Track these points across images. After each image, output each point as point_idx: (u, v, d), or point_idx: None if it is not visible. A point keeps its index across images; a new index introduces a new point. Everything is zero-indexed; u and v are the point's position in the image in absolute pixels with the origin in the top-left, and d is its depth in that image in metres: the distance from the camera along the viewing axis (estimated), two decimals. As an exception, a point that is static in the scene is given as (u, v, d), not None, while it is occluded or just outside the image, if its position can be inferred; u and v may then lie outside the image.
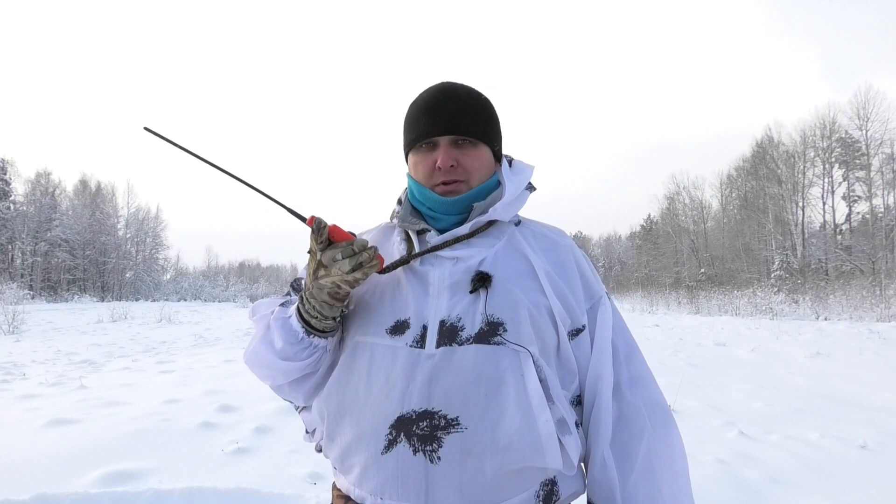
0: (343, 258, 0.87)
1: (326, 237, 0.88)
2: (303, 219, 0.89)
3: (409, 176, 1.08)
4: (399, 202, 1.12)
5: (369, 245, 0.90)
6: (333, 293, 0.92)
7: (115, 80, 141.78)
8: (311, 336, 0.96)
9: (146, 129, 0.93)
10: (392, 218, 1.12)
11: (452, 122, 1.01)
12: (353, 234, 0.92)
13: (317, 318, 0.94)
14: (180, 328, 16.64)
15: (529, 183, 1.09)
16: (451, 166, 1.00)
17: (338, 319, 0.97)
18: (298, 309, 0.96)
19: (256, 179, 0.92)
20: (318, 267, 0.90)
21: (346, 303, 0.96)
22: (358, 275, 0.88)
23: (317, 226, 0.87)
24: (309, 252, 0.91)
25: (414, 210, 1.07)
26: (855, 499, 2.99)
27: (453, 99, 1.03)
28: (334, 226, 0.89)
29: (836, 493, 3.05)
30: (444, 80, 1.10)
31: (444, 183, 1.01)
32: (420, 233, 1.05)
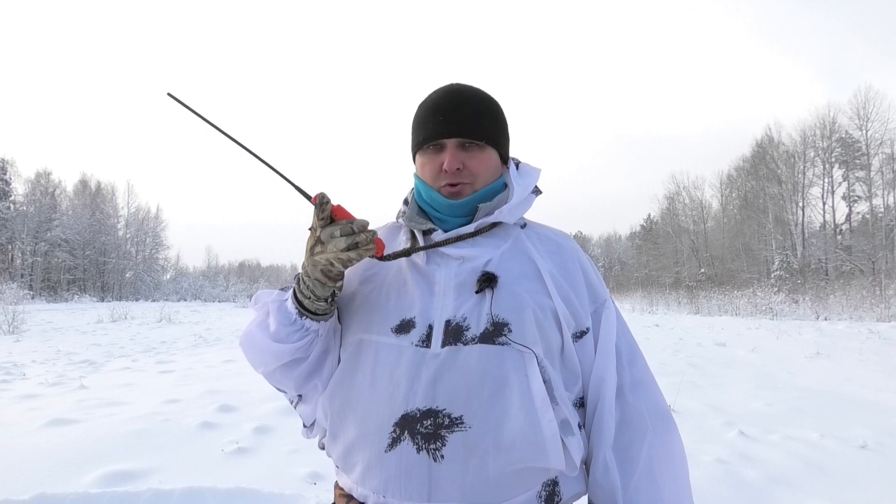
0: (341, 235, 0.87)
1: (329, 214, 0.88)
2: (308, 197, 0.89)
3: (417, 176, 1.08)
4: (406, 202, 1.12)
5: (369, 227, 0.89)
6: (326, 271, 0.91)
7: (114, 80, 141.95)
8: (304, 318, 0.96)
9: (169, 94, 0.93)
10: (399, 218, 1.12)
11: (460, 124, 1.01)
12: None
13: (309, 297, 0.94)
14: (180, 328, 16.65)
15: (535, 186, 1.09)
16: (458, 169, 1.01)
17: (330, 301, 0.97)
18: (294, 290, 0.97)
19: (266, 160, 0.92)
20: (315, 243, 0.90)
21: (338, 284, 0.96)
22: (352, 254, 0.87)
23: (320, 201, 0.87)
24: (310, 228, 0.91)
25: (421, 210, 1.08)
26: (855, 499, 2.99)
27: (462, 101, 1.03)
28: (339, 205, 0.89)
29: (836, 493, 3.05)
30: (454, 81, 1.10)
31: (450, 185, 1.02)
32: (426, 233, 1.05)
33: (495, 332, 0.92)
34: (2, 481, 2.99)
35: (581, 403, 1.01)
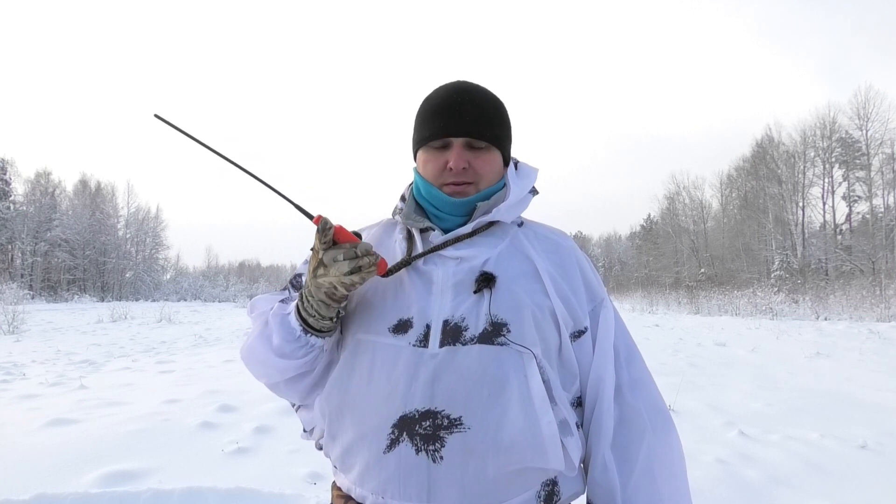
0: (344, 259, 0.87)
1: (331, 238, 0.88)
2: (310, 216, 0.89)
3: (417, 173, 1.07)
4: (402, 198, 1.11)
5: (373, 250, 0.89)
6: (330, 293, 0.91)
7: (114, 80, 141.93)
8: (309, 335, 0.96)
9: (156, 116, 0.92)
10: (395, 214, 1.11)
11: (469, 124, 1.00)
12: (359, 236, 0.92)
13: (314, 316, 0.94)
14: (180, 328, 16.64)
15: (533, 186, 1.09)
16: (464, 168, 1.00)
17: (335, 320, 0.97)
18: (297, 307, 0.96)
19: (261, 174, 0.92)
20: (318, 265, 0.90)
21: (342, 304, 0.96)
22: (355, 278, 0.88)
23: (322, 226, 0.87)
24: (312, 249, 0.91)
25: (418, 207, 1.07)
26: (855, 499, 2.99)
27: (471, 101, 1.02)
28: (340, 227, 0.89)
29: (836, 493, 3.05)
30: (456, 79, 1.09)
31: (455, 184, 1.01)
32: (423, 231, 1.04)
33: (494, 333, 0.92)
34: (2, 481, 2.99)
35: (579, 403, 1.01)
